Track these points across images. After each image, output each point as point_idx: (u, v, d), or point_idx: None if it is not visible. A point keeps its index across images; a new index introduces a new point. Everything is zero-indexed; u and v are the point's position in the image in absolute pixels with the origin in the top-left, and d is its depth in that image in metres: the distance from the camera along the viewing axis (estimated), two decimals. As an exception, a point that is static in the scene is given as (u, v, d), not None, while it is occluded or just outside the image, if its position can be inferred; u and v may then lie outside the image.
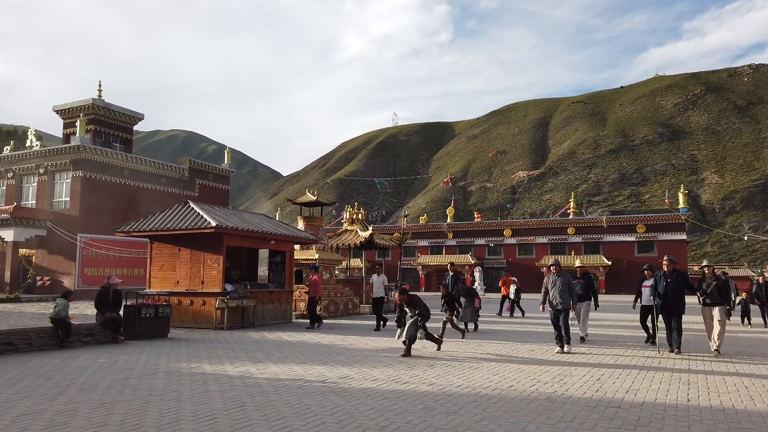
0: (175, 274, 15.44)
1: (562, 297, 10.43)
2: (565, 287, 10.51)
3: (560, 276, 10.58)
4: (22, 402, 6.14)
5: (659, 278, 10.66)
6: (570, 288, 10.61)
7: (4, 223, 30.12)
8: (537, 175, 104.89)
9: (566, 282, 10.57)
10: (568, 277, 10.68)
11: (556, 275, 10.63)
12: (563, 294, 10.46)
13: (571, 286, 10.67)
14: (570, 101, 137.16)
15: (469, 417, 5.59)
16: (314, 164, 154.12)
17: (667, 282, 10.52)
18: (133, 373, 8.01)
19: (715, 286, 10.53)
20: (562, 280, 10.53)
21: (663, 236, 51.84)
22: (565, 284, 10.53)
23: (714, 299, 10.50)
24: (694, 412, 5.95)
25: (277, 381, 7.48)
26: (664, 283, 10.53)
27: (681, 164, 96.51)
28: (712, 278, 10.71)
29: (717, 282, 10.60)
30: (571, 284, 10.68)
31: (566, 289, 10.53)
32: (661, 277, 10.66)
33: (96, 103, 35.46)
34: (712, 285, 10.56)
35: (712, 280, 10.66)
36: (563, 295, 10.45)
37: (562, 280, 10.53)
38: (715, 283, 10.56)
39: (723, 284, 10.70)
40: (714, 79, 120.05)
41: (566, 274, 10.74)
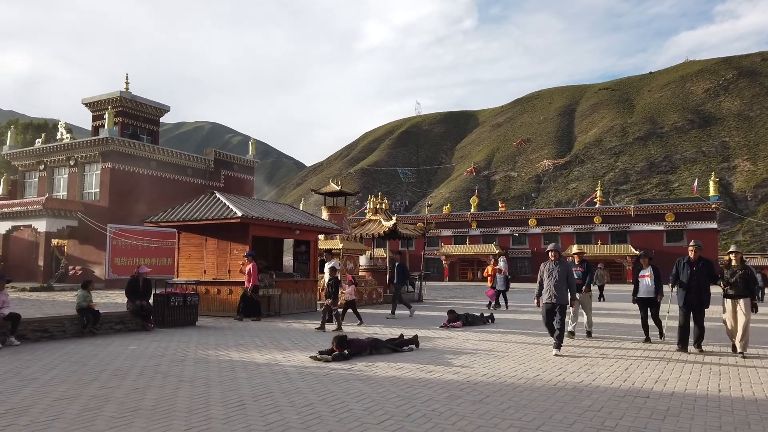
0: (203, 264, 15.69)
1: (558, 290, 8.92)
2: (563, 279, 8.97)
3: (559, 265, 9.12)
4: (58, 387, 6.32)
5: (682, 266, 9.42)
6: (569, 280, 9.06)
7: (37, 214, 30.91)
8: (562, 163, 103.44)
9: (565, 272, 9.03)
10: (567, 267, 9.22)
11: (554, 263, 9.15)
12: (560, 287, 8.93)
13: (571, 278, 9.12)
14: (597, 88, 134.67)
15: (495, 405, 5.58)
16: (337, 154, 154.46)
17: (692, 270, 9.26)
18: (164, 360, 8.19)
19: (741, 275, 9.16)
20: (560, 269, 9.05)
21: (693, 225, 50.75)
22: (564, 275, 8.99)
23: (738, 290, 9.09)
24: (725, 402, 5.84)
25: (303, 368, 7.56)
26: (688, 272, 9.27)
27: (712, 151, 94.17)
28: (739, 266, 9.24)
29: (744, 271, 9.22)
30: (570, 275, 9.14)
31: (564, 280, 8.97)
32: (684, 264, 9.40)
33: (123, 96, 36.03)
34: (738, 274, 9.15)
35: (737, 269, 9.20)
36: (560, 288, 8.93)
37: (561, 270, 9.04)
38: (741, 272, 9.17)
39: (750, 274, 9.26)
40: (747, 64, 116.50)
41: (566, 263, 9.40)
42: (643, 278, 10.54)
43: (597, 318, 14.44)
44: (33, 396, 5.87)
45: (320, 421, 4.97)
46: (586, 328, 11.44)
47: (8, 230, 32.98)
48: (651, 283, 10.29)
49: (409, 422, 4.97)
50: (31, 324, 10.22)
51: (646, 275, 10.50)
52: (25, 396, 5.88)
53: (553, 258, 9.21)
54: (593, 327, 11.81)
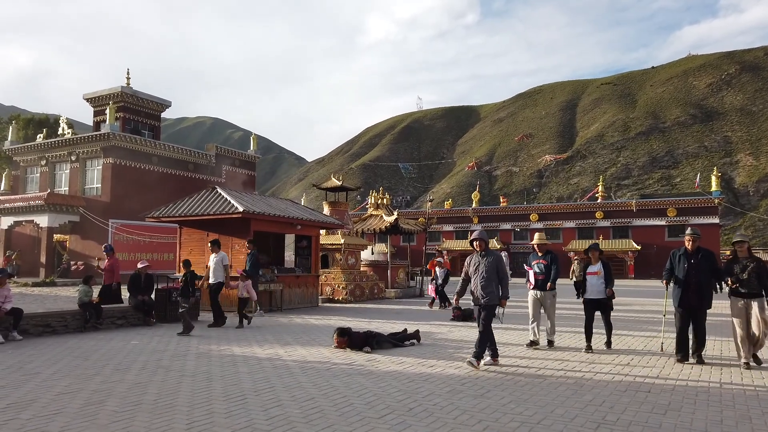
0: (204, 259, 15.68)
1: (485, 288, 7.35)
2: (493, 273, 7.39)
3: (487, 256, 7.50)
4: (60, 381, 6.34)
5: (677, 258, 7.84)
6: (500, 274, 7.47)
7: (39, 210, 30.95)
8: (564, 158, 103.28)
9: (494, 266, 7.43)
10: (497, 258, 7.53)
11: (480, 255, 7.57)
12: (488, 283, 7.36)
13: (501, 272, 7.51)
14: (599, 83, 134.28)
15: (497, 400, 5.59)
16: (339, 149, 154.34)
17: (690, 264, 7.65)
18: (166, 355, 8.21)
19: (754, 268, 7.38)
20: (488, 262, 7.44)
21: (695, 220, 50.64)
22: (493, 269, 7.41)
23: (751, 287, 7.36)
24: (726, 396, 5.84)
25: (305, 363, 7.58)
26: (684, 266, 7.67)
27: (714, 146, 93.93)
28: (748, 258, 7.56)
29: (756, 263, 7.46)
30: (500, 268, 7.51)
31: (494, 275, 7.40)
32: (680, 257, 7.81)
33: (125, 91, 35.99)
34: (749, 268, 7.41)
35: (747, 261, 7.50)
36: (487, 284, 7.35)
37: (489, 263, 7.43)
38: (753, 266, 7.41)
39: (763, 266, 7.49)
40: (750, 58, 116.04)
41: (496, 254, 7.62)
42: (592, 275, 8.94)
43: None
44: (36, 390, 5.89)
45: (322, 416, 4.98)
46: (547, 336, 9.24)
47: (10, 225, 33.03)
48: (600, 282, 8.79)
49: (410, 416, 4.98)
50: (34, 319, 10.24)
51: (594, 272, 8.90)
52: (27, 390, 5.90)
53: (479, 248, 7.59)
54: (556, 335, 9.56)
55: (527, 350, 8.83)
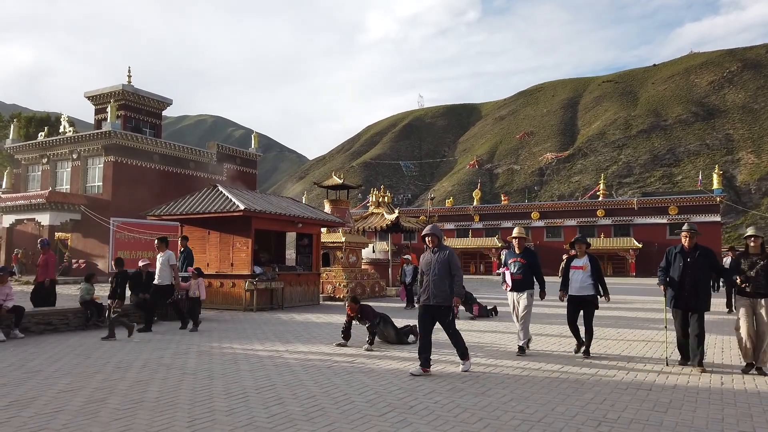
0: (205, 257, 15.71)
1: (437, 286, 6.79)
2: (445, 272, 6.82)
3: (440, 252, 6.94)
4: (61, 379, 6.35)
5: (673, 256, 7.30)
6: (452, 271, 6.87)
7: (41, 208, 31.00)
8: (566, 156, 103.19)
9: (447, 263, 6.86)
10: (450, 254, 6.96)
11: (432, 252, 7.02)
12: (440, 281, 6.80)
13: (454, 268, 6.89)
14: (600, 80, 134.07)
15: (497, 398, 5.59)
16: (340, 148, 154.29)
17: (686, 262, 7.11)
18: (167, 353, 8.22)
19: (764, 266, 6.84)
20: (440, 258, 6.90)
21: (696, 218, 50.59)
22: (445, 267, 6.84)
23: (759, 286, 6.81)
24: (727, 395, 5.84)
25: (306, 361, 7.58)
26: (680, 264, 7.14)
27: (716, 144, 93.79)
28: (759, 255, 6.99)
29: (767, 262, 6.91)
30: (454, 265, 6.90)
31: (446, 273, 6.82)
32: (676, 255, 7.27)
33: (126, 89, 36.00)
34: (760, 265, 6.84)
35: (758, 258, 6.94)
36: (440, 282, 6.80)
37: (441, 261, 6.87)
38: (763, 263, 6.87)
39: None
40: (751, 55, 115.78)
41: (448, 249, 7.04)
42: (576, 270, 8.09)
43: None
44: (37, 388, 5.90)
45: (323, 413, 4.99)
46: (518, 342, 8.37)
47: (12, 224, 33.09)
48: (586, 278, 7.97)
49: (411, 414, 4.99)
50: (35, 317, 10.26)
51: (579, 266, 8.09)
52: (29, 388, 5.91)
53: (431, 244, 7.01)
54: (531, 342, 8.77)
55: (527, 349, 8.79)
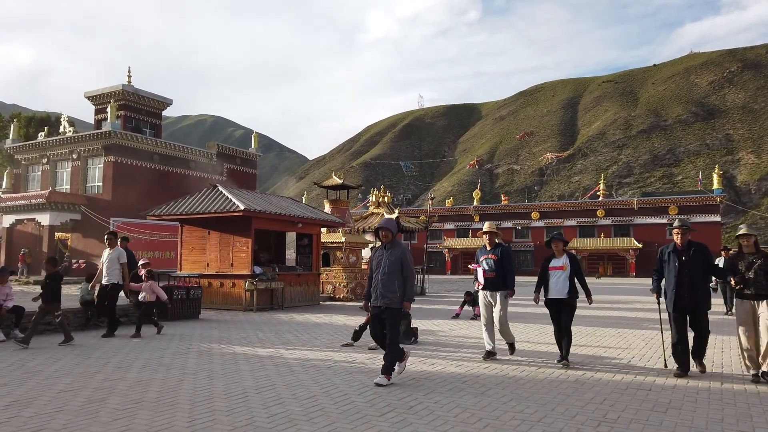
0: (205, 257, 15.72)
1: (386, 287, 6.23)
2: (396, 269, 6.25)
3: (392, 249, 6.37)
4: (61, 379, 6.36)
5: (666, 256, 6.91)
6: (404, 271, 6.28)
7: (41, 208, 31.02)
8: (566, 156, 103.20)
9: (398, 261, 6.28)
10: (403, 252, 6.37)
11: (383, 247, 6.46)
12: (389, 281, 6.23)
13: (406, 268, 6.29)
14: (600, 80, 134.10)
15: (497, 398, 5.59)
16: (340, 147, 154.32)
17: (681, 261, 6.74)
18: (167, 353, 8.22)
19: (762, 266, 6.44)
20: (392, 255, 6.32)
21: (696, 218, 50.63)
22: (396, 265, 6.26)
23: (758, 287, 6.39)
24: (727, 395, 5.84)
25: (306, 361, 7.59)
26: (676, 264, 6.73)
27: (716, 144, 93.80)
28: (755, 254, 6.62)
29: (764, 260, 6.49)
30: (406, 264, 6.29)
31: (397, 272, 6.25)
32: (669, 254, 6.87)
33: (126, 89, 36.03)
34: (756, 265, 6.47)
35: (754, 258, 6.57)
36: (389, 282, 6.23)
37: (392, 258, 6.29)
38: (760, 262, 6.47)
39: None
40: (752, 56, 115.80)
41: (402, 246, 6.49)
42: (555, 271, 7.48)
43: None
44: (37, 388, 5.91)
45: (323, 413, 4.99)
46: (487, 347, 7.79)
47: (12, 224, 33.11)
48: (566, 279, 7.37)
49: (411, 414, 4.99)
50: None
51: (558, 266, 7.49)
52: (29, 388, 5.91)
53: (384, 240, 6.43)
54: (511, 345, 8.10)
55: (528, 349, 8.79)
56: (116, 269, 10.25)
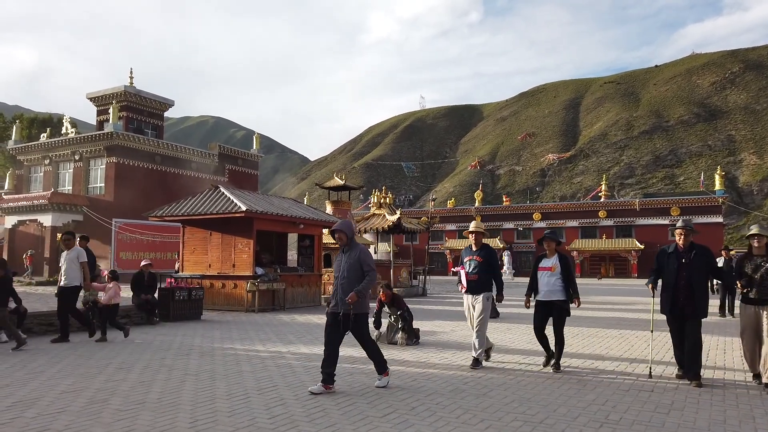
0: (207, 258, 15.74)
1: (346, 291, 5.84)
2: (355, 274, 5.89)
3: (350, 251, 5.98)
4: (63, 380, 6.36)
5: (666, 257, 6.56)
6: (366, 271, 5.91)
7: (43, 209, 31.06)
8: (567, 157, 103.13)
9: (357, 263, 5.90)
10: (362, 253, 5.99)
11: (342, 251, 6.09)
12: (349, 285, 5.87)
13: (367, 264, 5.92)
14: (602, 81, 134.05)
15: (499, 399, 5.59)
16: (341, 148, 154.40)
17: (681, 263, 6.37)
18: (169, 354, 8.23)
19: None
20: (351, 259, 5.94)
21: (698, 219, 50.56)
22: (355, 268, 5.89)
23: (763, 292, 6.03)
24: (730, 396, 5.83)
25: (308, 362, 7.59)
26: (675, 266, 6.39)
27: (718, 145, 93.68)
28: (764, 257, 6.16)
29: None
30: (365, 263, 5.91)
31: (357, 276, 5.89)
32: (669, 255, 6.53)
33: (128, 90, 36.07)
34: (764, 268, 6.04)
35: (763, 260, 6.12)
36: (349, 287, 5.86)
37: (352, 260, 5.92)
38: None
39: None
40: (754, 56, 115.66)
41: (361, 248, 6.06)
42: (543, 271, 7.15)
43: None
44: (40, 389, 5.91)
45: (325, 414, 4.99)
46: (474, 353, 7.29)
47: (14, 224, 33.16)
48: (556, 280, 7.01)
49: (413, 416, 4.99)
50: (38, 318, 10.28)
51: (548, 267, 7.12)
52: (32, 389, 5.92)
53: (342, 241, 6.05)
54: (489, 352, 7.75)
55: (529, 350, 8.77)
56: (76, 270, 9.53)
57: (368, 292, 5.97)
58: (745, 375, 6.92)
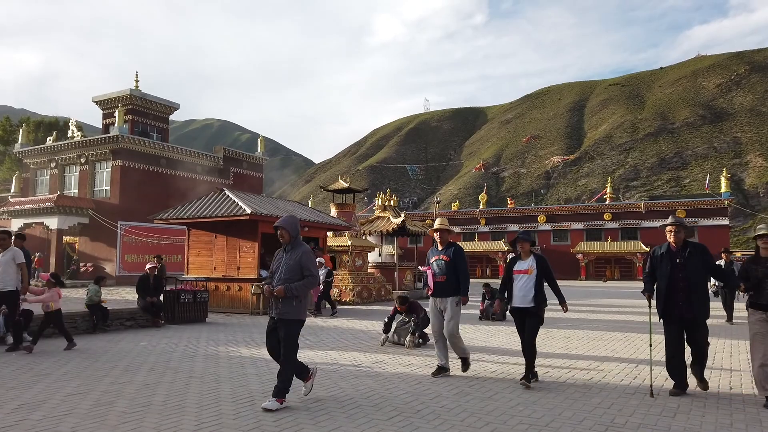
0: (212, 261, 15.78)
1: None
2: (295, 275, 5.38)
3: (292, 251, 5.49)
4: (70, 382, 6.39)
5: (658, 258, 6.07)
6: (305, 276, 5.40)
7: (49, 212, 31.18)
8: (572, 160, 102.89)
9: (298, 264, 5.40)
10: (304, 253, 5.48)
11: (283, 250, 5.57)
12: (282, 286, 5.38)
13: (308, 273, 5.40)
14: (607, 83, 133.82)
15: (504, 402, 5.58)
16: (346, 151, 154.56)
17: (675, 264, 5.90)
18: (174, 356, 8.25)
19: None
20: (292, 259, 5.44)
21: (704, 222, 50.34)
22: (295, 269, 5.39)
23: None
24: (736, 400, 5.80)
25: (311, 365, 7.58)
26: (668, 267, 5.91)
27: (723, 147, 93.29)
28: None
29: None
30: (306, 267, 5.40)
31: (296, 277, 5.38)
32: (662, 255, 6.04)
33: (133, 94, 36.23)
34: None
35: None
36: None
37: (293, 260, 5.43)
38: None
39: None
40: (759, 58, 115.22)
41: (304, 247, 5.55)
42: (519, 275, 6.52)
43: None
44: (46, 391, 5.94)
45: (329, 417, 4.99)
46: (438, 361, 6.89)
47: (20, 227, 33.28)
48: (531, 284, 6.39)
49: (418, 418, 4.98)
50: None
51: (523, 270, 6.51)
52: (38, 391, 5.95)
53: (284, 239, 5.54)
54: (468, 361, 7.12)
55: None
56: (12, 273, 8.52)
57: (303, 295, 5.42)
58: (751, 381, 6.89)
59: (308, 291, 5.53)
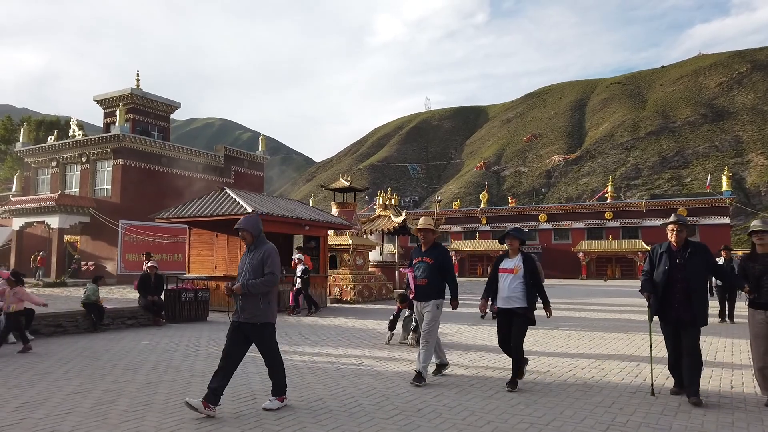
0: (213, 259, 15.79)
1: (245, 298, 5.22)
2: (258, 274, 5.22)
3: (255, 251, 5.35)
4: (71, 381, 6.40)
5: (658, 257, 5.90)
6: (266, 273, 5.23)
7: (50, 210, 31.21)
8: (573, 158, 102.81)
9: (260, 263, 5.25)
10: (268, 253, 5.31)
11: (248, 251, 5.43)
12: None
13: (269, 270, 5.24)
14: (608, 82, 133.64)
15: (505, 401, 5.58)
16: (347, 150, 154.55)
17: (674, 264, 5.71)
18: (176, 355, 8.26)
19: None
20: (255, 259, 5.31)
21: (705, 220, 50.34)
22: (257, 270, 5.23)
23: None
24: (738, 399, 5.80)
25: (313, 363, 7.60)
26: (666, 266, 5.72)
27: (725, 146, 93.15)
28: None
29: None
30: (268, 264, 5.24)
31: (260, 274, 5.23)
32: (661, 254, 5.87)
33: (134, 93, 36.24)
34: None
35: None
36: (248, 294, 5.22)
37: (256, 261, 5.28)
38: None
39: None
40: (761, 57, 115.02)
41: (267, 247, 5.36)
42: (504, 274, 6.26)
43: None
44: (47, 390, 5.95)
45: (331, 416, 5.00)
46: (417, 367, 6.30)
47: (21, 226, 33.34)
48: (517, 284, 6.14)
49: (419, 417, 4.99)
50: (45, 319, 10.33)
51: (509, 269, 6.25)
52: (39, 390, 5.96)
53: (247, 240, 5.43)
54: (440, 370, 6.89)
55: (534, 351, 8.72)
56: None
57: (263, 291, 5.22)
58: (753, 379, 6.88)
59: (268, 289, 5.28)
